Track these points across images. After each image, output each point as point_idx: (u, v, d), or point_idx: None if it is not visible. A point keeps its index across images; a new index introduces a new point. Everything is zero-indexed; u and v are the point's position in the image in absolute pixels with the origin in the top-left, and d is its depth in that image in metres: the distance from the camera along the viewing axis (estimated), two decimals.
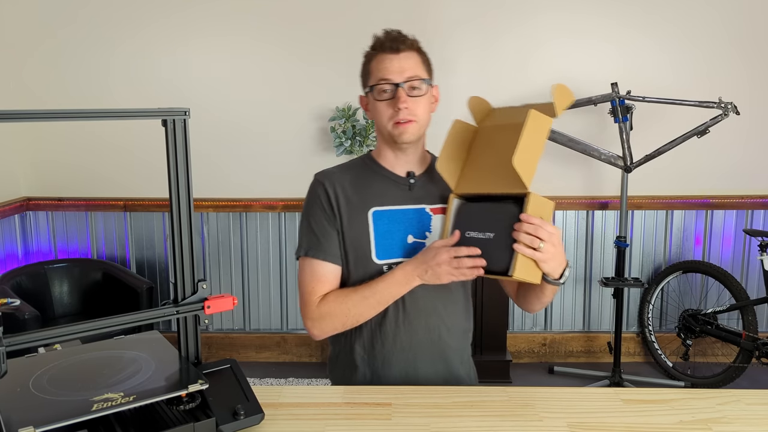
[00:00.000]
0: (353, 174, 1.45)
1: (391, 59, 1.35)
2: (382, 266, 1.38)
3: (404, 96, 1.34)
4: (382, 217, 1.39)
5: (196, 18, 3.20)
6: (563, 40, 3.19)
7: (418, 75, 1.36)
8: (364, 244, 1.38)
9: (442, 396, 1.24)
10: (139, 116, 1.01)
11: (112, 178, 3.33)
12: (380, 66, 1.36)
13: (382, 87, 1.35)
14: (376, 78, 1.36)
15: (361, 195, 1.41)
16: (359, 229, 1.39)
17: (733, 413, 1.17)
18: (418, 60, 1.38)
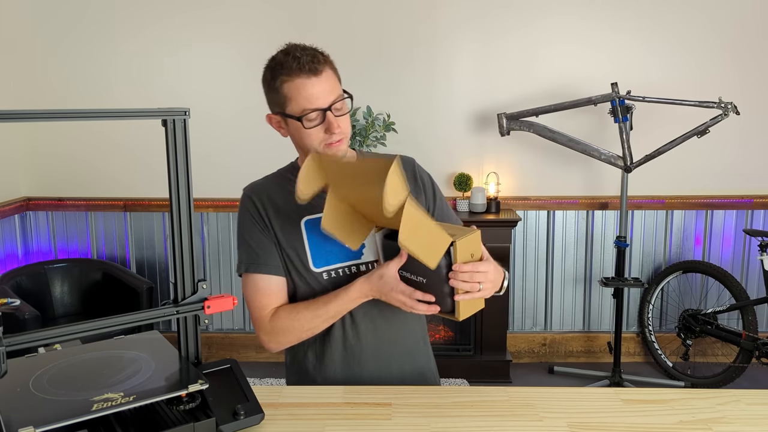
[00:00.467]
0: (279, 184, 1.44)
1: (313, 84, 1.27)
2: (320, 274, 1.36)
3: (335, 121, 1.29)
4: (315, 225, 1.36)
5: (196, 19, 3.20)
6: (564, 40, 3.19)
7: (340, 94, 1.31)
8: (300, 253, 1.37)
9: (442, 396, 1.24)
10: (139, 116, 1.01)
11: (112, 178, 3.33)
12: (303, 93, 1.27)
13: (310, 116, 1.28)
14: (301, 107, 1.28)
15: (291, 205, 1.38)
16: (293, 239, 1.37)
17: (733, 413, 1.17)
18: (334, 75, 1.32)
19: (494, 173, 3.22)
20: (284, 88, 1.30)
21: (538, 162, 3.26)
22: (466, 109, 3.23)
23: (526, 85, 3.21)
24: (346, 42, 3.20)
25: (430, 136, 3.23)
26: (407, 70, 3.21)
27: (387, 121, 3.12)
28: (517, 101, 3.19)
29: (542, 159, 3.26)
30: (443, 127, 3.25)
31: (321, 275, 1.36)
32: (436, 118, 3.24)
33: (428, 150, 3.18)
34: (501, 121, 3.03)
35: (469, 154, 3.27)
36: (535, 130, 3.01)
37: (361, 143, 3.11)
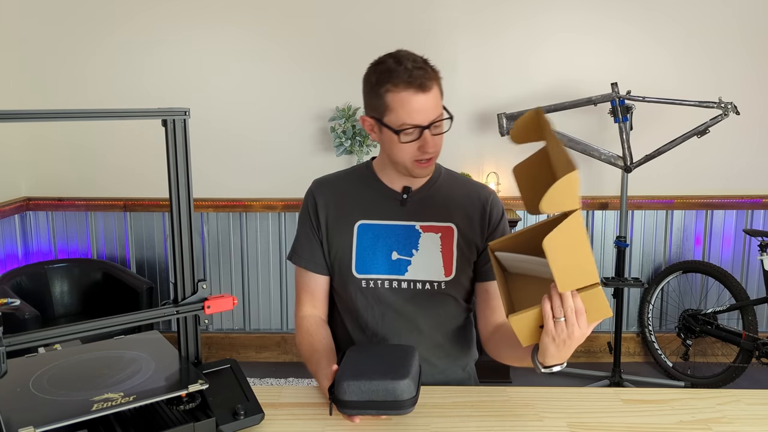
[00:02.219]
0: (348, 184, 1.44)
1: (419, 100, 1.24)
2: (360, 280, 1.36)
3: (431, 140, 1.26)
4: (368, 231, 1.37)
5: (196, 18, 3.20)
6: (563, 41, 3.19)
7: (441, 114, 1.27)
8: (346, 256, 1.37)
9: (442, 396, 1.24)
10: (139, 116, 1.01)
11: (112, 178, 3.33)
12: (406, 107, 1.24)
13: (408, 131, 1.25)
14: (401, 120, 1.25)
15: (351, 207, 1.39)
16: (343, 241, 1.38)
17: (733, 413, 1.17)
18: (439, 91, 1.28)
19: (494, 173, 3.22)
20: (387, 97, 1.26)
21: None
22: (466, 109, 3.23)
23: (526, 85, 3.21)
24: (346, 41, 3.20)
25: None
26: None
27: None
28: (517, 101, 3.19)
29: None
30: None
31: (361, 282, 1.37)
32: None
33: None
34: (501, 121, 3.03)
35: (469, 154, 3.27)
36: None
37: (361, 143, 3.11)
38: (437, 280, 1.35)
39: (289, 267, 3.40)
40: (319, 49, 3.21)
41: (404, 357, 1.16)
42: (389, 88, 1.26)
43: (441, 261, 1.35)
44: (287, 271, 3.41)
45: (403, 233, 1.36)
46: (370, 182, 1.41)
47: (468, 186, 1.43)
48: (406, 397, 1.09)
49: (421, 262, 1.35)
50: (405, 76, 1.25)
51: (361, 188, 1.41)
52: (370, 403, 1.09)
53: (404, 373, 1.11)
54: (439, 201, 1.37)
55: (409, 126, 1.25)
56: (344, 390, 1.09)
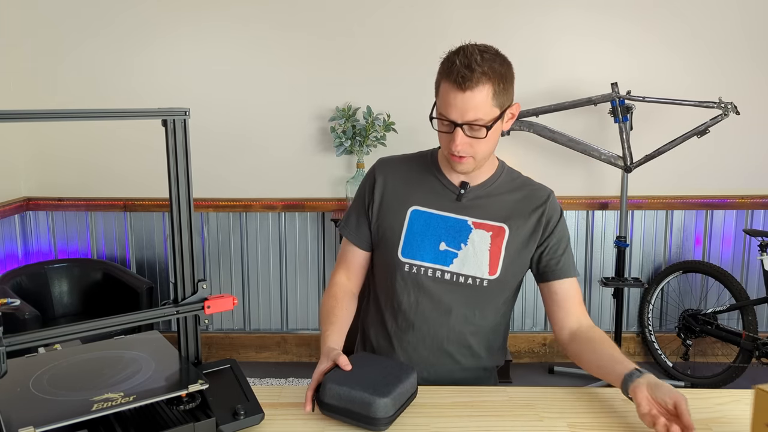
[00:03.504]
0: (410, 168, 1.46)
1: (455, 96, 1.25)
2: (404, 264, 1.39)
3: (461, 137, 1.27)
4: (420, 217, 1.39)
5: (196, 18, 3.20)
6: (563, 41, 3.19)
7: (479, 118, 1.25)
8: (394, 237, 1.40)
9: (442, 396, 1.24)
10: (139, 116, 1.01)
11: (112, 178, 3.32)
12: (445, 98, 1.27)
13: (443, 121, 1.29)
14: (440, 109, 1.30)
15: (408, 191, 1.42)
16: (394, 222, 1.40)
17: (733, 413, 1.17)
18: (486, 96, 1.25)
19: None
20: (440, 85, 1.30)
21: (538, 162, 3.26)
22: None
23: (526, 85, 3.21)
24: (346, 41, 3.20)
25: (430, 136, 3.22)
26: (407, 70, 3.21)
27: (387, 121, 3.12)
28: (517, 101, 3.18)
29: (542, 159, 3.26)
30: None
31: (404, 265, 1.39)
32: None
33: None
34: None
35: None
36: (535, 130, 3.01)
37: (361, 143, 3.11)
38: (481, 277, 1.36)
39: (289, 267, 3.40)
40: (320, 49, 3.21)
41: (398, 376, 1.17)
42: (441, 77, 1.29)
43: (488, 259, 1.36)
44: (287, 271, 3.41)
45: (454, 226, 1.38)
46: (432, 171, 1.44)
47: (526, 187, 1.43)
48: (380, 416, 1.09)
49: (468, 257, 1.36)
50: (452, 70, 1.26)
51: (422, 175, 1.44)
52: (346, 411, 1.11)
53: (386, 392, 1.11)
54: (495, 200, 1.39)
55: (443, 117, 1.29)
56: (326, 392, 1.13)
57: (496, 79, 1.26)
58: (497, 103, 1.27)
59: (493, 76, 1.25)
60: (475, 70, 1.23)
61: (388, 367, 1.21)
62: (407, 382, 1.17)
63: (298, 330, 3.46)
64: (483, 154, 1.32)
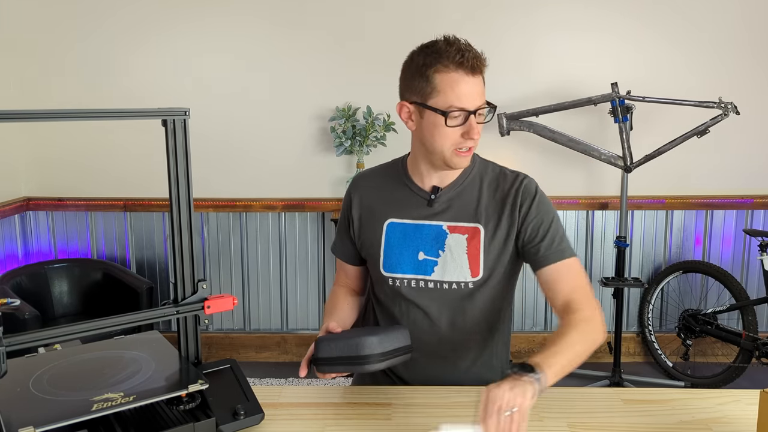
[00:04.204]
0: (383, 181, 1.44)
1: (468, 83, 1.21)
2: (388, 279, 1.37)
3: (476, 126, 1.23)
4: (396, 230, 1.37)
5: (195, 18, 3.20)
6: (563, 41, 3.19)
7: (485, 100, 1.26)
8: (375, 253, 1.39)
9: (442, 396, 1.24)
10: (139, 116, 1.01)
11: (112, 178, 3.32)
12: (456, 89, 1.21)
13: (455, 114, 1.22)
14: (448, 102, 1.21)
15: (382, 205, 1.40)
16: (373, 238, 1.39)
17: (733, 413, 1.17)
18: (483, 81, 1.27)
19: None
20: (436, 79, 1.22)
21: (538, 162, 3.26)
22: None
23: (526, 85, 3.21)
24: (346, 41, 3.20)
25: None
26: None
27: (387, 121, 3.12)
28: (517, 101, 3.18)
29: (542, 159, 3.26)
30: None
31: (387, 280, 1.37)
32: None
33: None
34: (501, 121, 3.03)
35: None
36: (535, 130, 3.01)
37: (361, 143, 3.11)
38: (464, 281, 1.33)
39: (289, 267, 3.40)
40: (320, 49, 3.21)
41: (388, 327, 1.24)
42: (439, 69, 1.22)
43: (467, 262, 1.33)
44: (287, 271, 3.41)
45: (430, 233, 1.35)
46: (401, 180, 1.41)
47: (498, 178, 1.38)
48: (369, 353, 1.13)
49: (447, 263, 1.33)
50: (457, 56, 1.21)
51: (394, 186, 1.41)
52: (339, 359, 1.16)
53: (374, 332, 1.17)
54: (466, 200, 1.35)
55: (456, 109, 1.22)
56: (319, 348, 1.20)
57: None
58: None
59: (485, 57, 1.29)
60: (479, 55, 1.25)
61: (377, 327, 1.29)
62: (397, 331, 1.21)
63: (298, 330, 3.46)
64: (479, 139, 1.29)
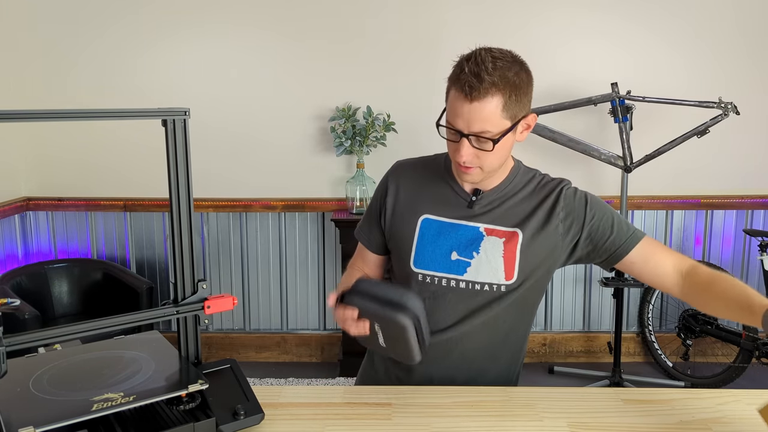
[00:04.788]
0: (424, 174, 1.42)
1: (462, 105, 1.20)
2: (417, 274, 1.35)
3: (466, 148, 1.22)
4: (431, 226, 1.35)
5: (195, 18, 3.20)
6: (563, 41, 3.19)
7: (486, 130, 1.20)
8: (406, 247, 1.37)
9: (442, 396, 1.24)
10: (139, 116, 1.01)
11: (112, 178, 3.33)
12: (453, 106, 1.23)
13: (449, 129, 1.25)
14: (448, 117, 1.25)
15: (420, 199, 1.39)
16: (406, 231, 1.37)
17: (733, 413, 1.17)
18: (496, 107, 1.19)
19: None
20: (449, 91, 1.27)
21: (538, 162, 3.23)
22: None
23: None
24: (346, 41, 3.20)
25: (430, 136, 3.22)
26: (407, 70, 3.21)
27: (387, 121, 3.12)
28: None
29: (542, 159, 3.26)
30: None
31: (417, 275, 1.35)
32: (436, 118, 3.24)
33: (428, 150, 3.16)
34: None
35: None
36: (535, 130, 3.00)
37: (361, 143, 3.11)
38: (497, 283, 1.32)
39: (289, 267, 3.40)
40: (320, 49, 3.21)
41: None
42: (451, 84, 1.27)
43: (502, 265, 1.32)
44: (287, 271, 3.41)
45: (467, 235, 1.34)
46: (444, 177, 1.40)
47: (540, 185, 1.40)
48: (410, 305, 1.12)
49: (481, 264, 1.32)
50: (460, 78, 1.22)
51: (435, 182, 1.40)
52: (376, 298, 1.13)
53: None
54: (507, 205, 1.35)
55: (450, 125, 1.25)
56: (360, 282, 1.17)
57: (507, 90, 1.19)
58: (508, 114, 1.21)
59: (503, 87, 1.19)
60: (484, 80, 1.17)
61: None
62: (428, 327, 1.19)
63: (298, 330, 3.46)
64: (490, 165, 1.27)
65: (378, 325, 1.16)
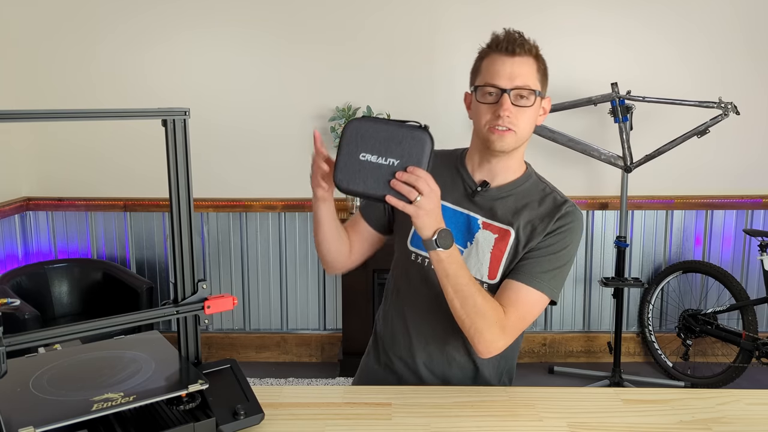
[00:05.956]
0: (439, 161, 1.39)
1: (504, 62, 1.27)
2: (411, 253, 1.39)
3: (508, 103, 1.26)
4: None
5: (195, 18, 3.20)
6: (563, 41, 3.19)
7: (528, 84, 1.27)
8: (407, 226, 1.39)
9: (442, 396, 1.24)
10: (139, 116, 1.01)
11: (112, 178, 3.33)
12: (491, 68, 1.28)
13: (488, 90, 1.28)
14: (484, 79, 1.29)
15: None
16: None
17: (733, 413, 1.17)
18: (533, 67, 1.28)
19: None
20: (482, 62, 1.31)
21: (538, 162, 3.22)
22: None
23: None
24: (346, 41, 3.20)
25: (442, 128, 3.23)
26: (407, 70, 3.21)
27: None
28: None
29: (542, 159, 3.26)
30: (443, 128, 3.24)
31: (411, 254, 1.39)
32: (436, 118, 3.24)
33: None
34: None
35: None
36: (535, 130, 3.00)
37: None
38: (480, 279, 1.32)
39: (289, 267, 3.40)
40: (320, 50, 3.21)
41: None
42: (485, 53, 1.31)
43: (488, 261, 1.33)
44: (287, 271, 3.41)
45: (464, 222, 1.36)
46: (456, 165, 1.42)
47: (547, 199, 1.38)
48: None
49: (471, 256, 1.34)
50: (495, 41, 1.29)
51: (447, 168, 1.42)
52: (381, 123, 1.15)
53: None
54: (509, 205, 1.35)
55: (489, 84, 1.28)
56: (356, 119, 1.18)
57: (539, 60, 1.30)
58: (539, 80, 1.30)
59: (537, 55, 1.29)
60: (525, 42, 1.28)
61: None
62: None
63: (298, 330, 3.46)
64: (524, 130, 1.30)
65: (376, 156, 1.15)
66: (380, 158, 1.15)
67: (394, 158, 1.14)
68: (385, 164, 1.14)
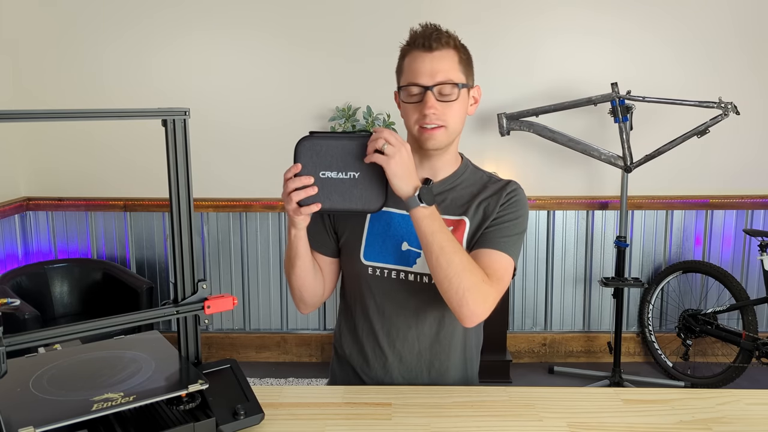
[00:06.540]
0: None
1: (423, 59, 1.27)
2: (368, 267, 1.35)
3: (432, 101, 1.25)
4: (380, 218, 1.35)
5: (195, 18, 3.20)
6: (563, 41, 3.19)
7: (450, 79, 1.26)
8: (356, 241, 1.36)
9: (442, 396, 1.24)
10: (139, 116, 1.01)
11: (112, 178, 3.33)
12: (412, 66, 1.28)
13: (411, 89, 1.28)
14: (407, 78, 1.29)
15: None
16: (355, 227, 1.37)
17: (733, 413, 1.17)
18: (453, 60, 1.28)
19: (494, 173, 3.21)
20: (404, 61, 1.32)
21: (538, 162, 3.26)
22: None
23: (526, 85, 3.21)
24: (346, 42, 3.20)
25: None
26: None
27: (387, 121, 3.12)
28: (517, 101, 3.19)
29: (542, 159, 3.26)
30: None
31: (367, 269, 1.35)
32: None
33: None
34: (501, 121, 3.03)
35: (469, 154, 3.23)
36: (535, 130, 3.01)
37: None
38: None
39: None
40: (319, 50, 3.21)
41: None
42: (406, 51, 1.32)
43: None
44: None
45: None
46: None
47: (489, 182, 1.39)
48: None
49: None
50: (416, 40, 1.29)
51: None
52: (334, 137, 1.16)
53: None
54: (455, 196, 1.35)
55: (412, 84, 1.27)
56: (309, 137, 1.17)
57: (460, 49, 1.30)
58: (463, 72, 1.29)
59: (456, 45, 1.29)
60: (441, 35, 1.28)
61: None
62: None
63: (298, 330, 3.46)
64: (454, 124, 1.29)
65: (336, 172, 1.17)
66: (340, 173, 1.17)
67: (354, 171, 1.17)
68: (347, 178, 1.17)
